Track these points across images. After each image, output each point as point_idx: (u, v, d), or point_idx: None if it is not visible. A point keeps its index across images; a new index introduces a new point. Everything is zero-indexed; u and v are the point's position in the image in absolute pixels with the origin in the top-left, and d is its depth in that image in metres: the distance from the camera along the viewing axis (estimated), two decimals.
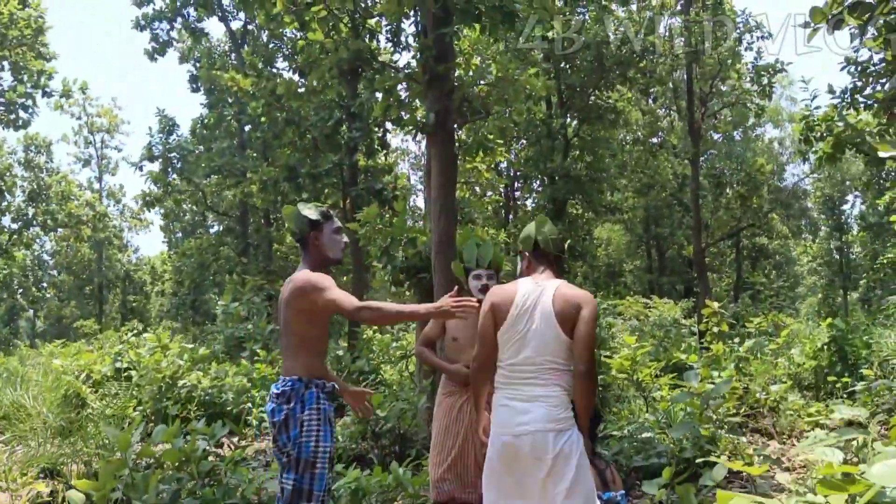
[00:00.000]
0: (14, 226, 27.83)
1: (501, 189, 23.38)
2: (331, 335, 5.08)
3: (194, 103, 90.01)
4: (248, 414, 7.95)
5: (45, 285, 37.91)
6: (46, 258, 37.85)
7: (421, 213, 19.46)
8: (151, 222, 36.45)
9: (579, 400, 2.82)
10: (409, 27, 12.40)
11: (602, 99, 17.45)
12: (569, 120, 18.08)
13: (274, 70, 17.57)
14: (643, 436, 5.60)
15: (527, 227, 3.16)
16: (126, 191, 52.44)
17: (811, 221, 32.82)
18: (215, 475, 4.62)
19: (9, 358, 14.89)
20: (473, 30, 7.72)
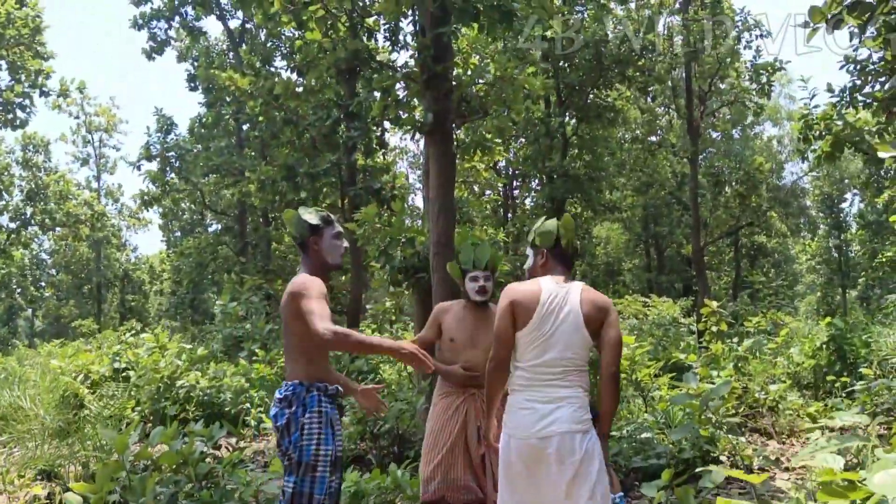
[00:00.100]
0: (12, 225, 27.78)
1: (500, 188, 23.37)
2: None
3: (192, 102, 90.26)
4: (247, 414, 7.95)
5: (44, 285, 37.88)
6: (45, 257, 37.90)
7: (419, 213, 19.43)
8: (150, 221, 36.41)
9: (607, 403, 2.82)
10: (408, 26, 12.36)
11: (601, 98, 17.43)
12: (567, 119, 18.05)
13: (272, 69, 17.54)
14: (642, 436, 5.59)
15: (547, 223, 3.05)
16: (124, 190, 52.61)
17: (810, 220, 32.81)
18: (213, 477, 4.61)
19: (7, 358, 14.87)
20: (472, 29, 7.71)
